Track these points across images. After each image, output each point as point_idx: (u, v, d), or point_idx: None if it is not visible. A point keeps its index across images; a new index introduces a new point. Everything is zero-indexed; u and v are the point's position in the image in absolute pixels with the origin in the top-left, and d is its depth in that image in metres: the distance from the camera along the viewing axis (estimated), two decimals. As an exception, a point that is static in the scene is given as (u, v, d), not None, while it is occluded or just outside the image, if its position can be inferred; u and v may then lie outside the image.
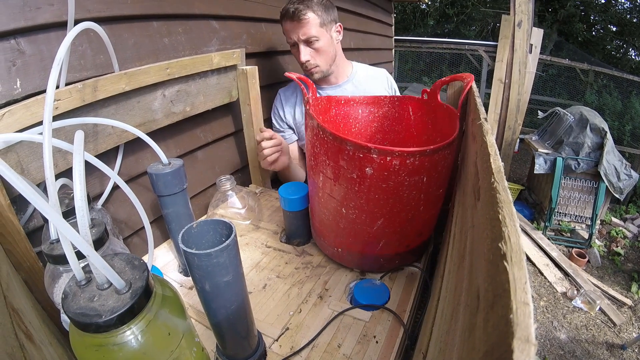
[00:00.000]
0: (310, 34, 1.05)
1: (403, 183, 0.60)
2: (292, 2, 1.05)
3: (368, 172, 0.59)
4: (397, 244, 0.72)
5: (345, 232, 0.72)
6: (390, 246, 0.72)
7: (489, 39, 7.53)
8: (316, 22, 1.05)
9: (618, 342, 2.39)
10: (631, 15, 7.36)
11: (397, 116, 0.91)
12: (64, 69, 0.63)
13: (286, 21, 1.07)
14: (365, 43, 2.63)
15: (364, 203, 0.64)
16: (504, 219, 0.25)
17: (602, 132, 3.28)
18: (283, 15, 1.08)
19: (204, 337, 0.67)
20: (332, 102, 0.89)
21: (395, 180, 0.59)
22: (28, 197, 0.33)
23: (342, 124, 0.92)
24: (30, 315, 0.52)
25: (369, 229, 0.68)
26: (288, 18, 1.06)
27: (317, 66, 1.12)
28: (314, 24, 1.04)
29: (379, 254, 0.74)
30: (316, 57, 1.10)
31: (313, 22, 1.04)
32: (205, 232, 0.48)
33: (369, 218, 0.67)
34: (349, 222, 0.69)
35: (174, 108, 0.91)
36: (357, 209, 0.66)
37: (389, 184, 0.60)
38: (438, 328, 0.47)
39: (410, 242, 0.74)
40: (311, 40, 1.06)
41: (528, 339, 0.15)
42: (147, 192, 0.94)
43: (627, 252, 3.33)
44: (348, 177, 0.62)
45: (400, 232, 0.70)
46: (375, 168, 0.58)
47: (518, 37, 3.89)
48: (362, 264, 0.79)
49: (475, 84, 0.76)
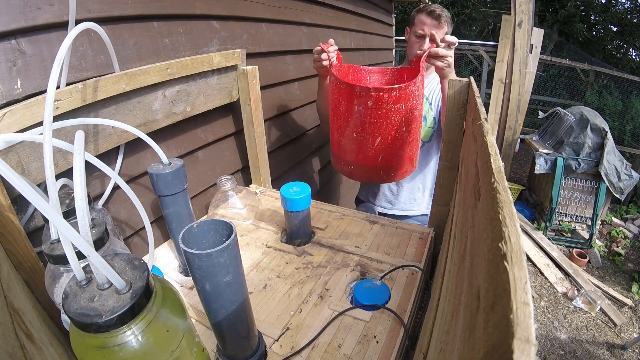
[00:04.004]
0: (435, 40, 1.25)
1: (390, 109, 0.91)
2: (436, 6, 1.32)
3: (369, 104, 0.91)
4: (390, 157, 1.01)
5: (356, 151, 1.02)
6: (385, 159, 1.01)
7: (489, 39, 7.53)
8: (445, 30, 1.35)
9: (619, 342, 2.39)
10: (631, 15, 7.35)
11: (396, 82, 1.20)
12: (65, 69, 0.63)
13: (427, 17, 1.32)
14: (366, 43, 2.63)
15: (367, 127, 0.95)
16: (504, 219, 0.25)
17: (603, 132, 3.28)
18: (425, 10, 1.33)
19: (204, 337, 0.67)
20: (350, 69, 1.18)
21: (386, 107, 0.91)
22: (28, 197, 0.33)
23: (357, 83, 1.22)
24: (31, 315, 0.52)
25: (371, 146, 0.98)
26: (431, 16, 1.31)
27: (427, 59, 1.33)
28: (444, 30, 1.34)
29: (379, 166, 1.02)
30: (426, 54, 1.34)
31: (444, 29, 1.34)
32: (206, 232, 0.48)
33: (371, 137, 0.96)
34: (357, 143, 0.99)
35: (175, 108, 0.91)
36: (362, 132, 0.96)
37: (382, 111, 0.91)
38: (438, 328, 0.47)
39: (398, 158, 1.03)
40: None
41: (528, 339, 0.15)
42: (147, 192, 0.94)
43: (628, 252, 3.32)
44: (356, 109, 0.93)
45: (391, 147, 0.99)
46: (374, 101, 0.90)
47: (518, 37, 3.89)
48: (369, 176, 1.07)
49: (475, 84, 0.77)
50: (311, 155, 1.90)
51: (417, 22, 1.34)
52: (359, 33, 2.46)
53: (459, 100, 0.83)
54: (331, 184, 2.27)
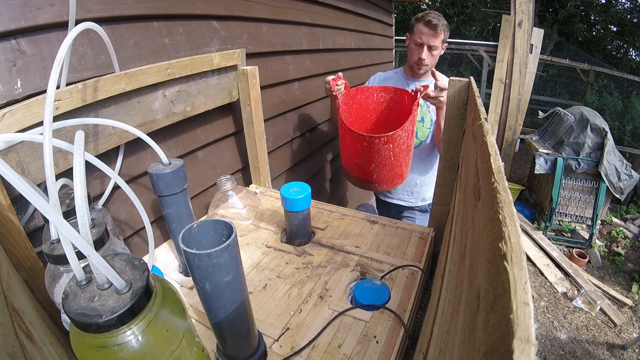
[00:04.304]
0: (436, 44, 1.45)
1: (380, 148, 1.18)
2: (433, 16, 1.41)
3: (364, 145, 1.20)
4: (382, 176, 1.30)
5: (357, 170, 1.34)
6: (379, 177, 1.30)
7: (489, 39, 7.52)
8: (442, 37, 1.45)
9: (619, 342, 2.39)
10: (631, 15, 7.35)
11: (398, 100, 1.46)
12: (65, 69, 0.63)
13: (424, 26, 1.43)
14: (366, 43, 2.63)
15: (363, 156, 1.25)
16: (504, 219, 0.25)
17: (603, 132, 3.28)
18: (422, 20, 1.43)
19: (204, 337, 0.67)
20: (359, 90, 1.48)
21: (377, 147, 1.18)
22: (28, 197, 0.33)
23: (364, 103, 1.51)
24: (31, 315, 0.52)
25: (367, 168, 1.28)
26: (428, 26, 1.41)
27: (426, 65, 1.51)
28: (441, 38, 1.44)
29: (374, 180, 1.32)
30: (429, 59, 1.49)
31: (441, 37, 1.44)
32: (206, 232, 0.48)
33: (367, 164, 1.26)
34: (358, 165, 1.31)
35: (175, 108, 0.91)
36: (360, 159, 1.27)
37: (374, 149, 1.19)
38: (438, 328, 0.47)
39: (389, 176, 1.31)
40: (433, 48, 1.45)
41: (528, 339, 0.15)
42: (147, 192, 0.94)
43: (628, 252, 3.32)
44: (355, 144, 1.24)
45: (383, 170, 1.27)
46: (367, 143, 1.19)
47: (518, 37, 3.89)
48: (368, 187, 1.43)
49: (475, 84, 0.77)
50: (311, 155, 1.90)
51: (416, 31, 1.46)
52: (359, 33, 2.46)
53: (459, 100, 0.83)
54: (331, 184, 2.27)
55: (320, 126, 1.96)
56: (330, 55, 2.00)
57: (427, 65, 1.51)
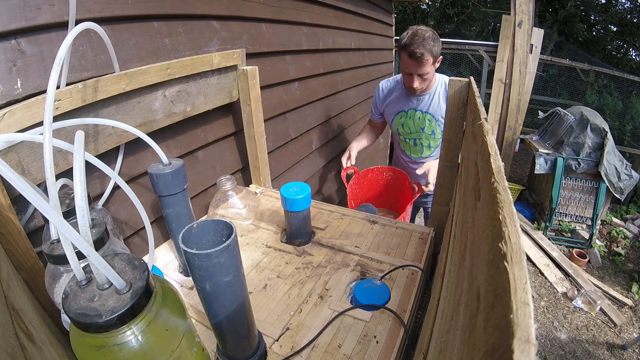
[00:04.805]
0: (425, 72, 1.40)
1: None
2: (416, 44, 1.32)
3: None
4: None
5: None
6: None
7: (489, 39, 7.52)
8: (430, 61, 1.37)
9: (619, 342, 2.39)
10: (632, 15, 7.35)
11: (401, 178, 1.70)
12: (65, 69, 0.63)
13: (408, 57, 1.36)
14: (366, 43, 2.63)
15: None
16: (504, 219, 0.25)
17: (603, 132, 3.28)
18: (406, 50, 1.35)
19: (204, 337, 0.67)
20: (368, 172, 1.77)
21: None
22: (28, 197, 0.33)
23: (375, 179, 1.79)
24: (31, 315, 0.52)
25: None
26: (411, 57, 1.35)
27: (421, 89, 1.50)
28: (429, 63, 1.37)
29: None
30: (422, 83, 1.46)
31: (428, 62, 1.36)
32: (206, 232, 0.48)
33: None
34: None
35: (175, 108, 0.91)
36: None
37: None
38: (438, 328, 0.47)
39: None
40: (424, 74, 1.41)
41: (528, 339, 0.15)
42: (147, 192, 0.94)
43: (628, 252, 3.32)
44: None
45: None
46: None
47: (518, 37, 3.89)
48: None
49: (475, 84, 0.77)
50: (311, 155, 1.90)
51: (402, 59, 1.42)
52: (359, 33, 2.46)
53: (459, 100, 0.83)
54: (331, 184, 2.27)
55: (320, 126, 1.96)
56: (330, 55, 2.00)
57: (421, 88, 1.49)
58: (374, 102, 1.74)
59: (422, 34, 1.32)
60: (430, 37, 1.33)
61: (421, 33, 1.33)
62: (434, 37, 1.34)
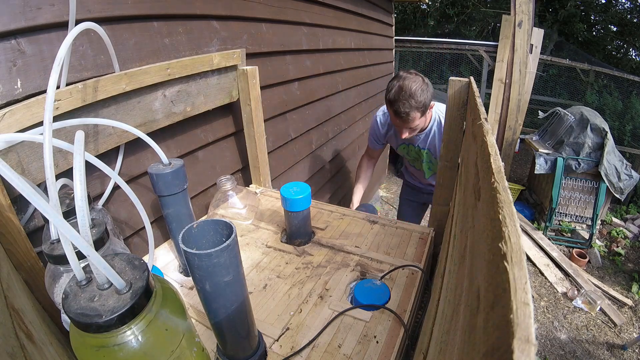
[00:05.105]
0: (413, 126, 1.33)
1: None
2: (401, 102, 1.24)
3: None
4: None
5: None
6: None
7: (489, 39, 7.52)
8: (417, 116, 1.29)
9: (619, 342, 2.39)
10: (632, 15, 7.35)
11: None
12: (65, 69, 0.63)
13: (394, 115, 1.30)
14: (366, 43, 2.63)
15: None
16: (504, 219, 0.25)
17: (603, 132, 3.28)
18: (392, 107, 1.28)
19: (204, 337, 0.67)
20: None
21: None
22: (28, 197, 0.33)
23: None
24: (31, 315, 0.52)
25: None
26: (397, 116, 1.29)
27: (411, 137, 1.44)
28: (416, 118, 1.29)
29: None
30: (412, 132, 1.39)
31: (416, 118, 1.29)
32: (206, 232, 0.48)
33: None
34: None
35: (175, 108, 0.91)
36: None
37: None
38: (438, 328, 0.47)
39: None
40: (414, 125, 1.33)
41: (528, 339, 0.15)
42: (147, 192, 0.94)
43: (628, 252, 3.32)
44: None
45: None
46: None
47: (518, 37, 3.88)
48: None
49: (475, 84, 0.77)
50: (311, 155, 1.90)
51: (389, 112, 1.34)
52: (359, 33, 2.46)
53: (459, 100, 0.83)
54: (331, 184, 2.27)
55: (320, 126, 1.96)
56: (330, 55, 2.00)
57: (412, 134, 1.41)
58: (372, 134, 1.67)
59: (409, 89, 1.22)
60: (417, 90, 1.23)
61: (408, 87, 1.22)
62: (422, 88, 1.24)
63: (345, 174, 2.52)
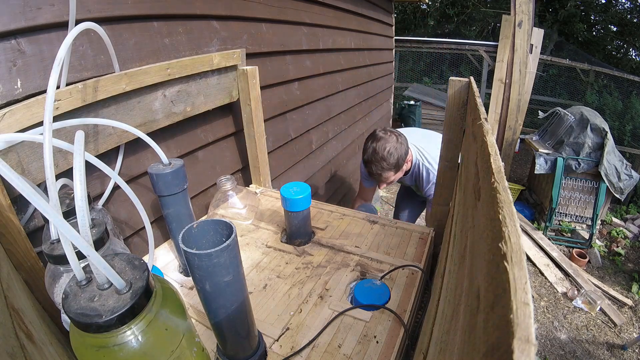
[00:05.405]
0: (387, 182, 1.42)
1: None
2: (373, 164, 1.33)
3: None
4: None
5: None
6: None
7: (489, 39, 7.52)
8: (391, 175, 1.37)
9: (619, 342, 2.39)
10: (632, 15, 7.35)
11: None
12: (65, 69, 0.63)
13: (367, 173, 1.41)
14: (366, 43, 2.63)
15: None
16: (504, 219, 0.25)
17: (603, 132, 3.28)
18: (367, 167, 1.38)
19: (204, 337, 0.67)
20: None
21: None
22: (28, 197, 0.33)
23: None
24: (31, 315, 0.52)
25: None
26: (370, 175, 1.40)
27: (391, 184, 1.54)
28: (390, 177, 1.37)
29: None
30: (391, 183, 1.46)
31: (389, 176, 1.37)
32: (206, 232, 0.48)
33: None
34: None
35: (175, 108, 0.91)
36: None
37: None
38: (438, 328, 0.47)
39: None
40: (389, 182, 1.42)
41: (528, 339, 0.15)
42: (147, 192, 0.94)
43: (628, 252, 3.32)
44: None
45: None
46: None
47: (518, 37, 3.89)
48: None
49: (475, 84, 0.77)
50: (311, 155, 1.90)
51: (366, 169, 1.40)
52: (359, 33, 2.46)
53: (459, 100, 0.83)
54: (331, 184, 2.27)
55: (320, 126, 1.96)
56: (330, 55, 2.00)
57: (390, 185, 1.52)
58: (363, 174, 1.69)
59: (382, 151, 1.29)
60: (390, 152, 1.29)
61: (381, 149, 1.29)
62: (395, 147, 1.30)
63: (345, 174, 2.52)
